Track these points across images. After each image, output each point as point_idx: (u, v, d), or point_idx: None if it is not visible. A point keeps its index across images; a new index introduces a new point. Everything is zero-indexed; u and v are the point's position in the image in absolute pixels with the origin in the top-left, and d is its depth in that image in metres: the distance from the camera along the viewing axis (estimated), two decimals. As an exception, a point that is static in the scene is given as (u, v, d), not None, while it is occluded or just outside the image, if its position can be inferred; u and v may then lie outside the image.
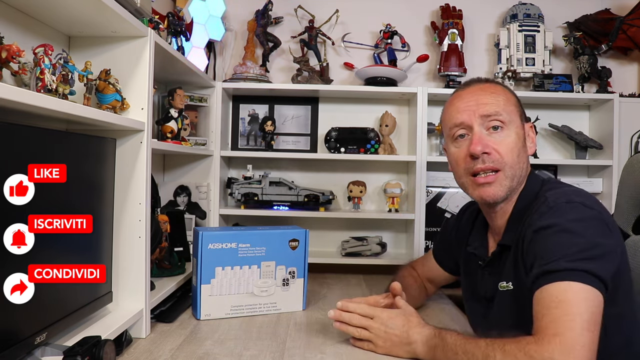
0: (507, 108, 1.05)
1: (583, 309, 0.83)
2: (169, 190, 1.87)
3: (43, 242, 0.84)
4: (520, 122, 1.07)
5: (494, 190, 1.03)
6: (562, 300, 0.85)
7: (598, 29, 2.11)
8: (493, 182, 1.03)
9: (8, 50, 0.80)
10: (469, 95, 1.08)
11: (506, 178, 1.03)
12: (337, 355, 1.02)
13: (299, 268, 1.35)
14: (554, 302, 0.86)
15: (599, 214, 0.93)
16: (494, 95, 1.06)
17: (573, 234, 0.90)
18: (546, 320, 0.85)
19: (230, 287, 1.28)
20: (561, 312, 0.84)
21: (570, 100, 2.06)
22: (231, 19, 2.14)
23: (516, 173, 1.04)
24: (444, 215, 2.03)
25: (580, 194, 0.97)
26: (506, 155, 1.03)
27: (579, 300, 0.84)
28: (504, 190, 1.04)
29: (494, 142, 1.03)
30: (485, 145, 1.02)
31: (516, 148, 1.04)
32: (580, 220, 0.91)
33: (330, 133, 2.01)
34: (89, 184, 1.01)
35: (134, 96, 1.13)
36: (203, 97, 1.91)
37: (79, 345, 0.85)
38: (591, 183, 2.08)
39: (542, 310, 0.87)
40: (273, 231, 1.34)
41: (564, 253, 0.88)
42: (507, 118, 1.04)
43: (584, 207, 0.93)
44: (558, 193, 0.97)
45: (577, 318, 0.83)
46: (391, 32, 2.08)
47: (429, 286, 1.43)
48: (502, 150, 1.03)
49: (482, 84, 1.10)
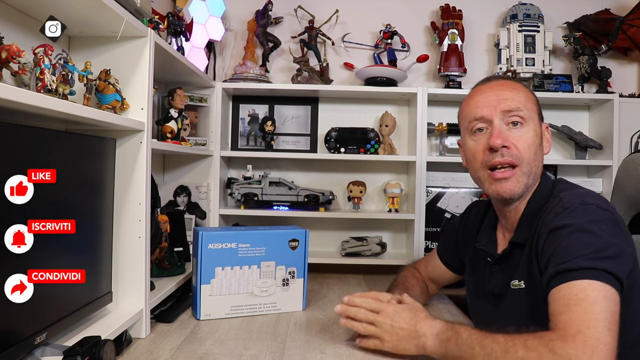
0: (527, 105, 1.06)
1: (604, 307, 0.83)
2: (169, 190, 1.87)
3: (43, 242, 0.84)
4: (539, 121, 1.08)
5: (511, 185, 1.03)
6: (583, 298, 0.84)
7: (598, 29, 2.11)
8: (510, 177, 1.03)
9: (8, 50, 0.80)
10: (490, 89, 1.08)
11: (523, 174, 1.04)
12: (337, 355, 1.02)
13: (298, 268, 1.35)
14: (574, 300, 0.85)
15: (612, 216, 0.93)
16: (515, 92, 1.07)
17: (589, 234, 0.90)
18: (566, 317, 0.84)
19: (230, 287, 1.28)
20: (582, 310, 0.83)
21: (570, 100, 2.06)
22: (231, 19, 2.14)
23: (532, 170, 1.05)
24: (444, 215, 2.03)
25: (592, 195, 0.98)
26: (524, 150, 1.03)
27: (600, 299, 0.84)
28: (521, 186, 1.04)
29: (513, 137, 1.04)
30: (504, 139, 1.03)
31: (534, 145, 1.04)
32: (595, 222, 0.92)
33: (330, 133, 2.01)
34: (89, 184, 1.01)
35: (134, 96, 1.13)
36: (203, 97, 1.91)
37: (79, 345, 0.85)
38: (591, 183, 2.08)
39: (560, 308, 0.85)
40: (273, 231, 1.34)
41: (581, 252, 0.88)
42: (527, 114, 1.05)
43: (598, 208, 0.94)
44: (573, 194, 0.98)
45: (598, 316, 0.82)
46: (391, 32, 2.08)
47: (432, 286, 1.44)
48: (520, 145, 1.03)
49: (502, 80, 1.12)
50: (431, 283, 1.43)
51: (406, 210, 2.08)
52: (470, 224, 1.28)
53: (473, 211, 1.31)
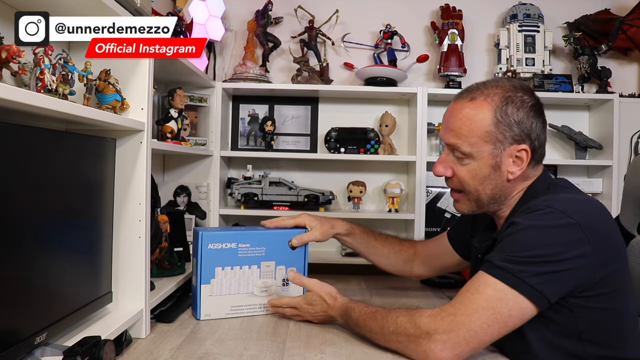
0: (470, 139, 1.01)
1: (493, 308, 0.88)
2: (169, 190, 1.87)
3: (43, 242, 0.84)
4: (492, 150, 1.01)
5: (459, 206, 1.11)
6: (480, 291, 0.90)
7: (598, 29, 2.11)
8: (459, 199, 1.10)
9: (8, 50, 0.80)
10: (447, 113, 1.09)
11: (470, 200, 1.07)
12: (337, 355, 1.02)
13: (298, 268, 1.34)
14: (473, 288, 0.92)
15: (575, 222, 0.90)
16: (461, 122, 1.02)
17: (536, 240, 0.91)
18: (456, 300, 0.93)
19: (230, 287, 1.28)
20: (470, 300, 0.90)
21: (570, 100, 2.06)
22: (231, 19, 2.14)
23: (481, 197, 1.05)
24: (444, 215, 2.03)
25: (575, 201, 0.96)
26: (466, 182, 1.05)
27: (495, 299, 0.89)
28: (472, 206, 1.08)
29: (457, 167, 1.05)
30: (446, 168, 1.07)
31: (479, 176, 1.03)
32: (549, 227, 0.91)
33: (330, 133, 2.01)
34: (89, 184, 1.01)
35: (134, 96, 1.13)
36: (203, 97, 1.90)
37: (79, 345, 0.84)
38: (591, 183, 2.08)
39: (461, 291, 0.94)
40: (273, 231, 1.34)
41: (510, 251, 0.91)
42: (467, 150, 1.02)
43: (563, 214, 0.91)
44: (550, 199, 0.96)
45: (482, 312, 0.88)
46: (391, 32, 2.08)
47: (421, 267, 1.43)
48: (462, 175, 1.05)
49: (460, 101, 1.05)
50: (423, 263, 1.42)
51: (406, 210, 2.08)
52: (479, 216, 1.25)
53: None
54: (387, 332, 0.99)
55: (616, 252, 0.95)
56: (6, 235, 0.74)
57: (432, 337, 0.90)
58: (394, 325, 0.97)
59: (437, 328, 0.90)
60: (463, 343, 0.89)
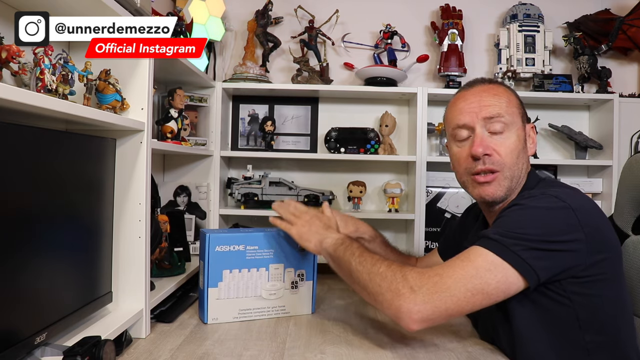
0: (509, 110, 1.06)
1: (480, 275, 0.89)
2: (169, 190, 1.87)
3: (43, 242, 0.84)
4: (522, 124, 1.08)
5: (493, 189, 1.06)
6: (471, 259, 0.91)
7: (598, 29, 2.12)
8: (492, 181, 1.05)
9: (8, 50, 0.80)
10: (472, 96, 1.08)
11: (505, 179, 1.05)
12: (337, 355, 1.02)
13: (308, 270, 1.32)
14: (464, 256, 0.93)
15: (570, 207, 0.92)
16: (496, 97, 1.06)
17: (532, 219, 0.92)
18: (445, 264, 0.94)
19: (238, 291, 1.25)
20: (459, 266, 0.91)
21: (570, 100, 2.06)
22: (231, 19, 2.14)
23: (515, 174, 1.05)
24: (444, 215, 2.03)
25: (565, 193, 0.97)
26: (506, 156, 1.04)
27: (483, 269, 0.90)
28: (503, 190, 1.05)
29: (495, 144, 1.04)
30: (486, 146, 1.04)
31: (516, 150, 1.05)
32: (545, 209, 0.93)
33: (330, 133, 2.01)
34: (89, 184, 1.01)
35: (134, 96, 1.13)
36: (203, 97, 1.91)
37: (78, 345, 0.84)
38: (591, 183, 2.08)
39: (453, 258, 0.94)
40: (281, 234, 1.29)
41: (508, 228, 0.92)
42: (508, 120, 1.05)
43: (557, 198, 0.94)
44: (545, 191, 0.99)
45: (469, 278, 0.89)
46: (391, 32, 2.08)
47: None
48: (502, 151, 1.04)
49: (485, 84, 1.10)
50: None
51: (406, 210, 2.08)
52: (468, 224, 1.30)
53: (471, 213, 1.32)
54: (375, 271, 0.98)
55: (608, 242, 0.96)
56: (6, 235, 0.74)
57: (414, 292, 0.90)
58: (386, 268, 0.96)
59: (422, 285, 0.90)
60: (442, 308, 0.89)
